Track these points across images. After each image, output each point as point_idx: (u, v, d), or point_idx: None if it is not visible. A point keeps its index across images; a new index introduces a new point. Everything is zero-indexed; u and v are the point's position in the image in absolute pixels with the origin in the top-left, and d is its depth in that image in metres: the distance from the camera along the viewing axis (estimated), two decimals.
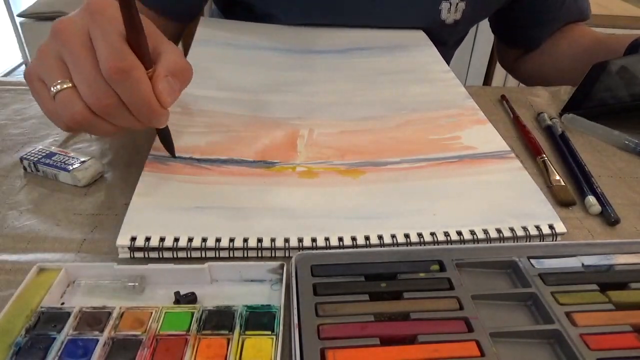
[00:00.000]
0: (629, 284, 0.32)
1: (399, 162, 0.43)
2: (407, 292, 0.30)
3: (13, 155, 0.45)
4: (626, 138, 0.49)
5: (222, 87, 0.54)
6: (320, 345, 0.27)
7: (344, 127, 0.48)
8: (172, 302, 0.31)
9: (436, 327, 0.28)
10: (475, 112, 0.51)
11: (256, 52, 0.62)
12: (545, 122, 0.52)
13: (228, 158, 0.43)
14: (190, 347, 0.27)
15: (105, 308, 0.29)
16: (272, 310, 0.29)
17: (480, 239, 0.35)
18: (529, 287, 0.31)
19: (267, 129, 0.47)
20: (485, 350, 0.27)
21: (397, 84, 0.57)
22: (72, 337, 0.28)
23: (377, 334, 0.27)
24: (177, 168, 0.41)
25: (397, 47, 0.65)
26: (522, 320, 0.30)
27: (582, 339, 0.27)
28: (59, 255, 0.34)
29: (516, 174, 0.42)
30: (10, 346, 0.27)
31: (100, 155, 0.45)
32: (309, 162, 0.43)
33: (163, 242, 0.34)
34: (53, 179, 0.42)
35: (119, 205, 0.39)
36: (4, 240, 0.35)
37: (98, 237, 0.36)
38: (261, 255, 0.34)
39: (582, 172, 0.44)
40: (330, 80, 0.57)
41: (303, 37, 0.66)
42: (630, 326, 0.28)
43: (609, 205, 0.40)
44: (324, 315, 0.29)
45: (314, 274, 0.31)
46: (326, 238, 0.35)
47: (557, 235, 0.36)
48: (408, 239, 0.35)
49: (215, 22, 0.71)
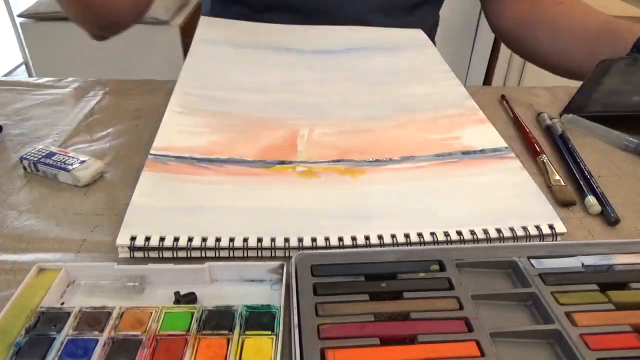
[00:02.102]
0: (629, 284, 0.32)
1: (399, 162, 0.43)
2: (407, 292, 0.30)
3: (13, 155, 0.45)
4: (626, 138, 0.49)
5: (222, 87, 0.54)
6: (320, 345, 0.27)
7: (344, 127, 0.48)
8: (172, 302, 0.31)
9: (436, 327, 0.28)
10: (475, 112, 0.51)
11: (256, 52, 0.62)
12: (545, 122, 0.52)
13: (228, 158, 0.43)
14: (190, 347, 0.27)
15: (105, 308, 0.29)
16: (272, 310, 0.29)
17: (480, 239, 0.35)
18: (529, 287, 0.31)
19: (267, 129, 0.47)
20: (485, 350, 0.27)
21: (397, 84, 0.57)
22: (71, 337, 0.28)
23: (377, 334, 0.27)
24: (177, 168, 0.41)
25: (397, 47, 0.65)
26: (522, 320, 0.30)
27: (582, 339, 0.27)
28: (59, 255, 0.34)
29: (516, 174, 0.42)
30: (10, 346, 0.27)
31: (100, 155, 0.45)
32: (309, 161, 0.43)
33: (163, 242, 0.34)
34: (53, 179, 0.42)
35: (119, 205, 0.39)
36: (4, 240, 0.35)
37: (98, 237, 0.36)
38: (261, 255, 0.34)
39: (582, 172, 0.44)
40: (330, 80, 0.57)
41: (303, 37, 0.66)
42: (630, 326, 0.28)
43: (609, 205, 0.40)
44: (324, 315, 0.29)
45: (314, 274, 0.31)
46: (326, 238, 0.35)
47: (557, 235, 0.36)
48: (408, 239, 0.35)
49: (216, 22, 0.71)
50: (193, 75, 0.55)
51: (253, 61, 0.60)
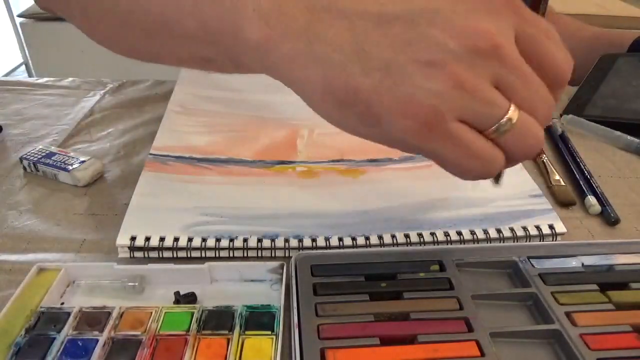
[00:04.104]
0: (629, 284, 0.31)
1: (398, 161, 0.43)
2: (407, 292, 0.30)
3: (13, 155, 0.45)
4: (626, 138, 0.49)
5: (222, 87, 0.54)
6: (320, 345, 0.27)
7: None
8: (172, 302, 0.31)
9: (436, 327, 0.28)
10: None
11: None
12: None
13: (228, 158, 0.43)
14: (190, 347, 0.27)
15: (105, 308, 0.29)
16: (272, 310, 0.29)
17: (480, 239, 0.35)
18: (529, 287, 0.31)
19: (267, 129, 0.47)
20: (485, 350, 0.27)
21: None
22: (71, 337, 0.28)
23: (377, 334, 0.27)
24: (177, 168, 0.41)
25: None
26: (522, 320, 0.30)
27: (582, 339, 0.27)
28: (59, 255, 0.34)
29: (516, 174, 0.42)
30: (10, 346, 0.27)
31: (100, 155, 0.45)
32: (309, 161, 0.43)
33: (163, 242, 0.34)
34: (53, 179, 0.41)
35: (119, 205, 0.39)
36: (4, 240, 0.35)
37: (98, 237, 0.36)
38: (261, 255, 0.34)
39: (582, 172, 0.44)
40: None
41: None
42: (630, 326, 0.28)
43: (609, 205, 0.40)
44: (324, 315, 0.29)
45: (314, 274, 0.31)
46: (326, 238, 0.35)
47: (557, 235, 0.36)
48: (408, 239, 0.35)
49: None
50: (193, 75, 0.55)
51: None
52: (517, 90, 0.24)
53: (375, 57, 0.23)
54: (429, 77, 0.23)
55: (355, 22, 0.24)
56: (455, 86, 0.23)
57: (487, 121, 0.24)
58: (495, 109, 0.24)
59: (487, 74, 0.24)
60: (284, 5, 0.24)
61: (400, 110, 0.23)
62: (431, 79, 0.23)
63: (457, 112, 0.24)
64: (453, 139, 0.24)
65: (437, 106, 0.23)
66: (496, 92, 0.24)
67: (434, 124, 0.23)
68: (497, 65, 0.23)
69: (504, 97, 0.24)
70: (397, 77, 0.23)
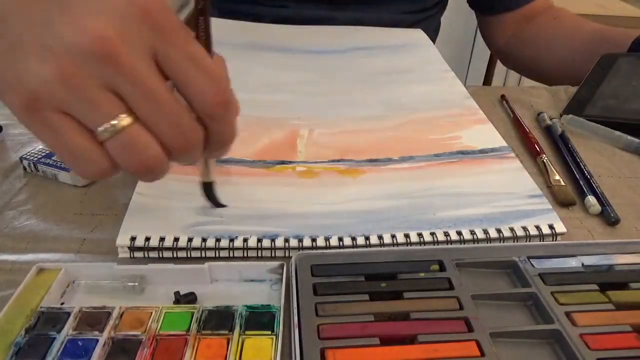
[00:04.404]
0: (629, 284, 0.32)
1: (398, 161, 0.43)
2: (407, 292, 0.30)
3: (13, 155, 0.45)
4: (626, 138, 0.49)
5: None
6: (320, 345, 0.27)
7: (344, 127, 0.48)
8: (172, 302, 0.31)
9: (436, 327, 0.28)
10: (475, 112, 0.51)
11: (256, 52, 0.62)
12: (545, 122, 0.52)
13: (228, 158, 0.43)
14: (190, 347, 0.27)
15: (105, 308, 0.29)
16: (272, 310, 0.29)
17: (480, 239, 0.35)
18: (529, 287, 0.31)
19: (267, 129, 0.47)
20: (485, 350, 0.27)
21: (397, 84, 0.57)
22: (71, 337, 0.28)
23: (377, 334, 0.27)
24: (176, 168, 0.41)
25: (397, 47, 0.65)
26: (522, 320, 0.30)
27: (582, 338, 0.27)
28: (59, 255, 0.34)
29: (516, 174, 0.42)
30: (10, 346, 0.27)
31: None
32: (309, 161, 0.43)
33: (163, 241, 0.34)
34: (53, 178, 0.41)
35: (119, 205, 0.39)
36: (4, 240, 0.35)
37: (98, 237, 0.36)
38: (261, 255, 0.34)
39: (582, 172, 0.44)
40: (330, 80, 0.57)
41: (303, 37, 0.66)
42: (630, 326, 0.28)
43: (609, 205, 0.40)
44: (324, 315, 0.29)
45: (314, 274, 0.31)
46: (326, 238, 0.35)
47: (557, 235, 0.36)
48: (408, 239, 0.35)
49: (215, 22, 0.71)
50: None
51: (252, 61, 0.60)
52: (135, 102, 0.24)
53: (10, 31, 0.24)
54: (42, 62, 0.23)
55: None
56: (60, 79, 0.23)
57: (91, 122, 0.25)
58: (99, 112, 0.24)
59: (99, 77, 0.24)
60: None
61: (9, 85, 0.24)
62: (42, 65, 0.23)
63: (58, 104, 0.24)
64: (50, 128, 0.24)
65: (38, 92, 0.23)
66: (106, 96, 0.24)
67: (33, 108, 0.24)
68: (111, 72, 0.24)
69: (120, 104, 0.24)
70: (19, 53, 0.24)
